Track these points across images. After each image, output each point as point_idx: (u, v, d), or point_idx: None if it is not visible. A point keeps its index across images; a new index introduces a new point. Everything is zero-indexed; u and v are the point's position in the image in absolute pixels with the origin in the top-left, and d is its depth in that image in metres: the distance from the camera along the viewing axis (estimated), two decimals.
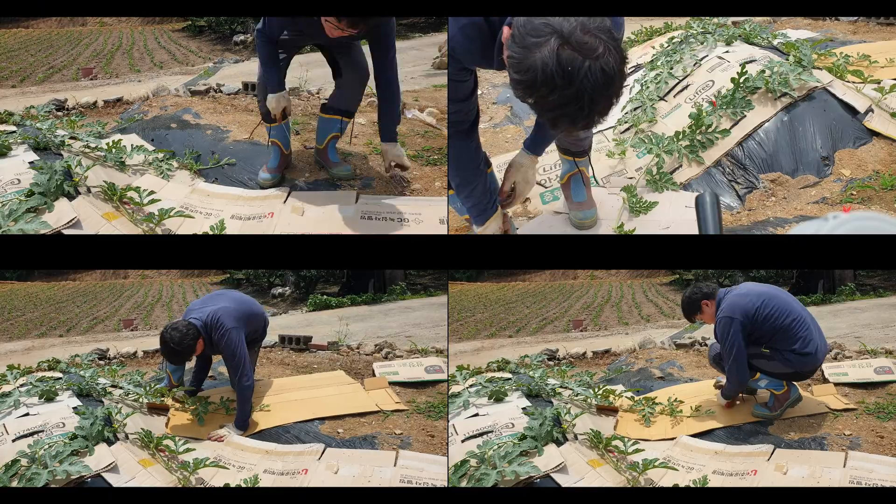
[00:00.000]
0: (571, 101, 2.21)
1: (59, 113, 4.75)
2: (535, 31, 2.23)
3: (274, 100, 3.83)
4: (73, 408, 3.84)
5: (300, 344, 5.40)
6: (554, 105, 2.24)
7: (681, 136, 3.92)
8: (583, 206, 3.67)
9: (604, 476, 3.53)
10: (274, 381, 4.71)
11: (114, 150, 4.08)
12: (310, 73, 4.97)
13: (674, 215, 3.65)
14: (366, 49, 3.84)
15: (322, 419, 4.04)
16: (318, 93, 5.03)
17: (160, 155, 4.18)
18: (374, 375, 4.67)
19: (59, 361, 4.82)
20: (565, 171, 3.66)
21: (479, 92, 3.66)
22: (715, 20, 4.72)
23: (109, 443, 3.58)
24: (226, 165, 4.20)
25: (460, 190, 3.30)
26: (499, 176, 4.06)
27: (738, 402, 4.12)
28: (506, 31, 2.44)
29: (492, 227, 3.37)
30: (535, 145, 3.34)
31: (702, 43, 4.53)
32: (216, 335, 3.99)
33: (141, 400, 4.13)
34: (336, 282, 7.28)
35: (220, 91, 5.04)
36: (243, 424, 3.98)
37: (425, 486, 3.52)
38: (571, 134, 3.41)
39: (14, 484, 3.30)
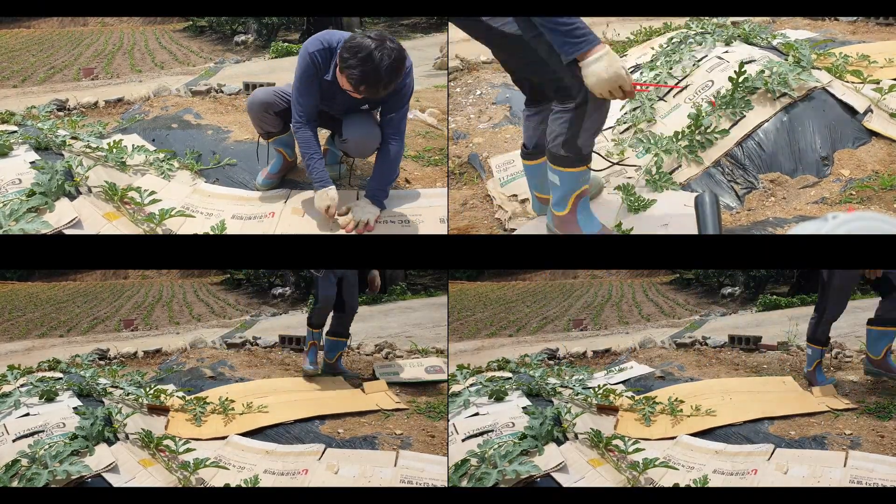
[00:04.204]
0: None
1: (61, 113, 4.76)
2: None
3: (323, 196, 3.60)
4: (74, 408, 3.85)
5: (300, 344, 5.39)
6: None
7: (680, 137, 3.92)
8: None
9: (604, 475, 3.54)
10: (274, 381, 4.71)
11: (115, 151, 4.09)
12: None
13: (672, 211, 3.66)
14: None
15: (322, 419, 4.04)
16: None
17: (161, 155, 4.19)
18: (374, 376, 4.67)
19: (60, 361, 4.82)
20: (567, 195, 3.12)
21: (478, 93, 3.66)
22: (714, 20, 4.72)
23: (110, 443, 3.59)
24: (227, 166, 4.20)
25: None
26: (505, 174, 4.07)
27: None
28: None
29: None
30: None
31: (700, 43, 4.54)
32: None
33: (141, 400, 4.13)
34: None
35: (222, 91, 5.05)
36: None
37: (426, 486, 3.52)
38: None
39: (14, 484, 3.31)
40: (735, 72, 4.00)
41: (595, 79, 2.72)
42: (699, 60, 4.38)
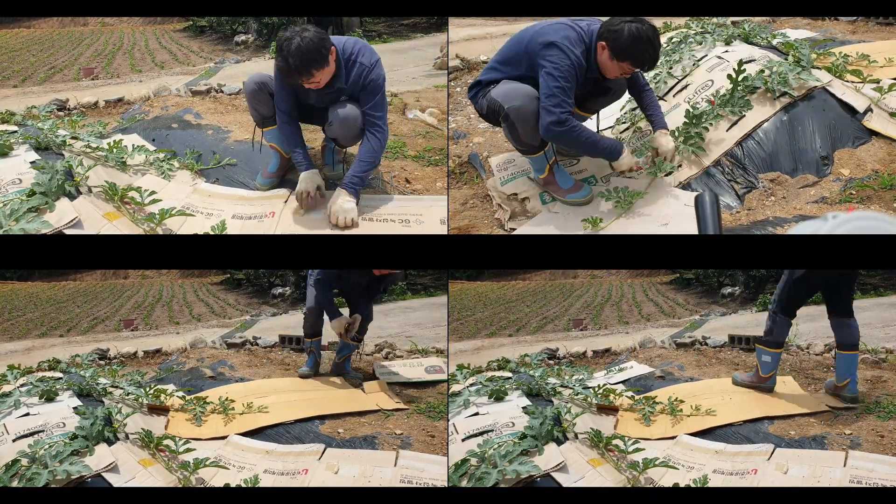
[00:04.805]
0: None
1: (61, 113, 4.76)
2: None
3: (306, 180, 3.79)
4: (74, 408, 3.85)
5: (301, 344, 5.40)
6: None
7: (677, 134, 3.93)
8: (573, 188, 3.80)
9: (604, 475, 3.54)
10: (274, 381, 4.72)
11: (115, 150, 4.09)
12: None
13: (672, 211, 3.66)
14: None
15: (322, 418, 4.04)
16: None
17: (161, 155, 4.19)
18: (374, 376, 4.67)
19: (60, 361, 4.82)
20: (542, 166, 3.78)
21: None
22: (714, 20, 4.73)
23: (110, 443, 3.58)
24: (227, 166, 4.20)
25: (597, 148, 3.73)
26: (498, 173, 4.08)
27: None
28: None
29: (626, 161, 3.74)
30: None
31: (700, 43, 4.54)
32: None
33: (141, 400, 4.13)
34: None
35: (222, 91, 5.05)
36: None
37: (426, 486, 3.52)
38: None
39: (14, 484, 3.31)
40: (734, 69, 4.00)
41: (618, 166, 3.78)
42: (699, 60, 4.38)
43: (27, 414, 3.84)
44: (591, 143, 3.68)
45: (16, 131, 4.13)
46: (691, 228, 3.46)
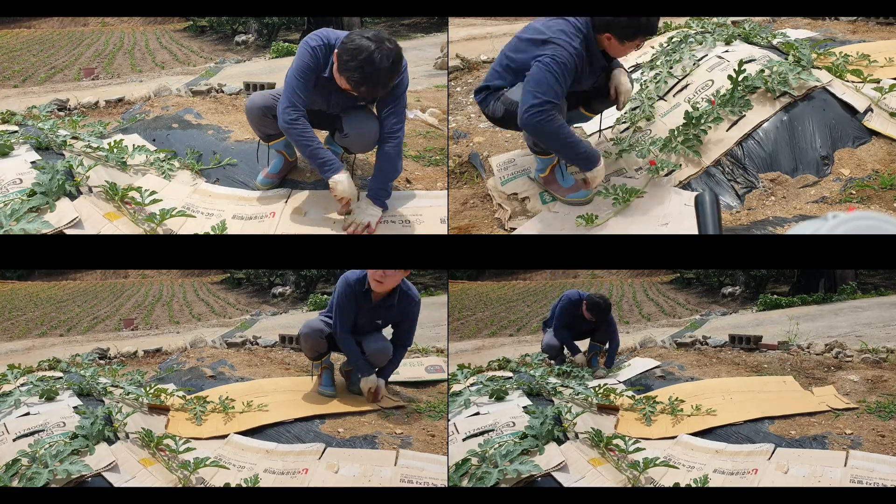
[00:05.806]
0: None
1: (61, 113, 4.76)
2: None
3: (341, 183, 3.55)
4: (74, 407, 3.85)
5: (300, 343, 5.40)
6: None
7: (676, 134, 3.93)
8: (574, 187, 3.82)
9: (605, 475, 3.54)
10: (274, 380, 4.72)
11: (115, 150, 4.09)
12: None
13: (672, 211, 3.66)
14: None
15: (322, 418, 4.05)
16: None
17: (162, 155, 4.19)
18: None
19: (60, 361, 4.82)
20: (546, 165, 3.79)
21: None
22: (714, 20, 4.73)
23: (110, 442, 3.59)
24: (227, 166, 4.20)
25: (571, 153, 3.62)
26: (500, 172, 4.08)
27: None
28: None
29: (600, 173, 3.68)
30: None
31: (700, 43, 4.54)
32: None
33: (141, 399, 4.14)
34: (336, 281, 7.28)
35: (222, 91, 5.05)
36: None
37: (426, 485, 3.52)
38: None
39: (15, 483, 3.31)
40: (734, 70, 4.00)
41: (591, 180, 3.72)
42: (699, 60, 4.39)
43: (27, 413, 3.84)
44: (569, 144, 3.52)
45: (16, 131, 4.13)
46: (691, 228, 3.46)
